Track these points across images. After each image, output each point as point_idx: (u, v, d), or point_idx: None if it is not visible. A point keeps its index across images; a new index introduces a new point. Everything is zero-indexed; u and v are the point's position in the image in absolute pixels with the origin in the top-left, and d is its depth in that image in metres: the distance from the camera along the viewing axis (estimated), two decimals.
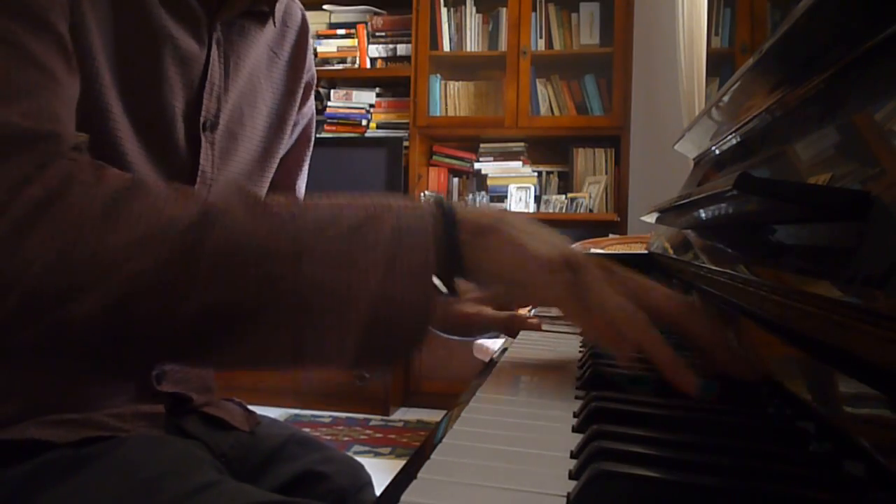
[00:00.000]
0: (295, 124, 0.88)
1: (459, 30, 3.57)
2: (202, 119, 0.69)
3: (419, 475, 0.34)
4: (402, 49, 3.62)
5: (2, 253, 0.43)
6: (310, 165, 0.95)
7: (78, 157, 0.49)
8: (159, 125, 0.66)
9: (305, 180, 0.94)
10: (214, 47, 0.70)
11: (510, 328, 0.74)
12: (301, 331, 0.47)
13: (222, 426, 0.77)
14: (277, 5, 0.76)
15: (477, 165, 3.61)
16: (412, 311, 0.47)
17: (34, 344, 0.46)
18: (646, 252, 1.24)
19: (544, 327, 0.79)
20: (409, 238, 0.48)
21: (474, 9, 3.56)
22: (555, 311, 0.54)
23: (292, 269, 0.46)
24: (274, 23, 0.77)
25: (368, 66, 3.65)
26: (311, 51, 0.88)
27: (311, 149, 0.94)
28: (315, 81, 0.91)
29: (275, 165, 0.83)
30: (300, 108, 0.87)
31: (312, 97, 0.91)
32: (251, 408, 0.84)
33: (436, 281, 0.50)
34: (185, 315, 0.46)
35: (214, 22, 0.69)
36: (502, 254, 0.51)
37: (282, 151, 0.84)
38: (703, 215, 0.70)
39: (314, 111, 0.93)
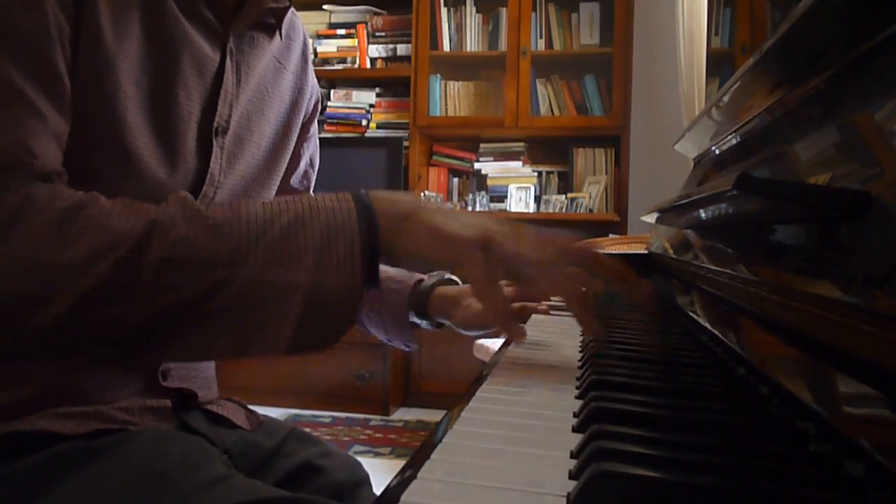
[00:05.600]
0: (304, 142, 0.90)
1: (459, 30, 3.57)
2: (215, 124, 0.72)
3: (419, 475, 0.34)
4: (402, 49, 3.61)
5: None
6: None
7: (38, 183, 0.55)
8: (174, 130, 0.68)
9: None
10: (228, 56, 0.73)
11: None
12: (243, 325, 0.55)
13: (226, 424, 0.78)
14: (285, 19, 0.79)
15: (477, 165, 3.61)
16: (341, 299, 0.55)
17: (12, 346, 0.56)
18: (646, 252, 1.25)
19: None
20: (336, 235, 0.56)
21: (474, 9, 3.56)
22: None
23: (231, 274, 0.54)
24: (280, 35, 0.81)
25: (368, 66, 3.65)
26: (312, 67, 0.91)
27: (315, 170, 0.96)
28: (320, 106, 0.95)
29: (282, 170, 0.85)
30: (306, 128, 0.90)
31: (315, 126, 0.93)
32: (252, 408, 0.85)
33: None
34: (135, 317, 0.54)
35: (228, 32, 0.73)
36: (419, 237, 0.58)
37: (287, 157, 0.86)
38: (703, 215, 0.70)
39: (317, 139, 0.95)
